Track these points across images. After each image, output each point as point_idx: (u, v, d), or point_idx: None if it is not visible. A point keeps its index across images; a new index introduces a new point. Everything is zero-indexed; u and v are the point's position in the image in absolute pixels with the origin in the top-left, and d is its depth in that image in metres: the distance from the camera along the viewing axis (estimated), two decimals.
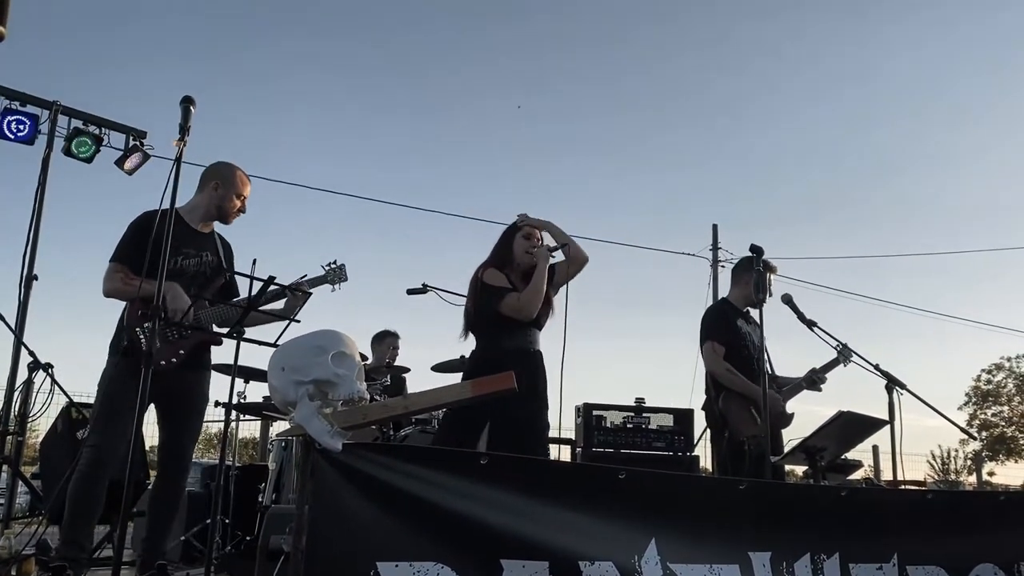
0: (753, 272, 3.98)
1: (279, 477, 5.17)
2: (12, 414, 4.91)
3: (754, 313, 4.71)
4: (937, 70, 36.53)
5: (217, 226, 3.75)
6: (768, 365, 4.67)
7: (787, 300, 4.47)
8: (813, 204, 40.56)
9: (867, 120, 37.65)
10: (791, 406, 4.64)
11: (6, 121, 5.24)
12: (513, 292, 3.78)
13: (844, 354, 4.52)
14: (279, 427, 6.80)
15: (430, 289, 5.79)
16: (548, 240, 3.96)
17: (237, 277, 3.68)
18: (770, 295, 4.50)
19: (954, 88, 36.84)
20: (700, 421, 5.60)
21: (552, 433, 4.17)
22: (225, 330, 3.41)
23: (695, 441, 5.48)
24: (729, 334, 4.54)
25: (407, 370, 6.16)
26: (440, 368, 5.55)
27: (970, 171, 40.05)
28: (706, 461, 7.66)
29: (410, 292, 5.80)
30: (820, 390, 4.67)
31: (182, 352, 3.41)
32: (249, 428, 10.19)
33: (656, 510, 2.57)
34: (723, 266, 17.91)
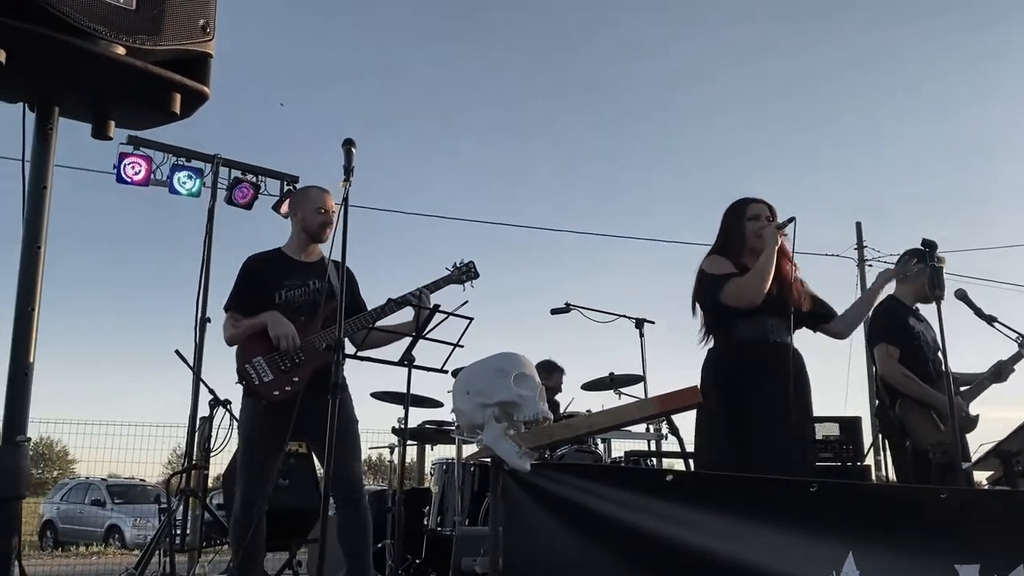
0: (927, 267, 3.72)
1: (442, 500, 5.29)
2: (195, 448, 5.25)
3: (924, 309, 4.43)
4: None
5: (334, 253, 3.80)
6: (944, 364, 4.39)
7: (962, 296, 4.20)
8: (969, 196, 37.95)
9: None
10: (975, 407, 4.34)
11: (176, 177, 5.67)
12: (734, 277, 3.39)
13: None
14: (439, 452, 6.96)
15: (573, 308, 5.83)
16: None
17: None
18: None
19: None
20: (868, 430, 5.34)
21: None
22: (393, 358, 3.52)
23: (865, 451, 5.21)
24: (902, 334, 4.26)
25: (558, 391, 6.18)
26: (590, 386, 5.54)
27: None
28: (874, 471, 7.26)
29: (554, 312, 5.85)
30: (1005, 380, 4.34)
31: (297, 380, 3.39)
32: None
33: (851, 522, 2.44)
34: (870, 265, 17.11)
